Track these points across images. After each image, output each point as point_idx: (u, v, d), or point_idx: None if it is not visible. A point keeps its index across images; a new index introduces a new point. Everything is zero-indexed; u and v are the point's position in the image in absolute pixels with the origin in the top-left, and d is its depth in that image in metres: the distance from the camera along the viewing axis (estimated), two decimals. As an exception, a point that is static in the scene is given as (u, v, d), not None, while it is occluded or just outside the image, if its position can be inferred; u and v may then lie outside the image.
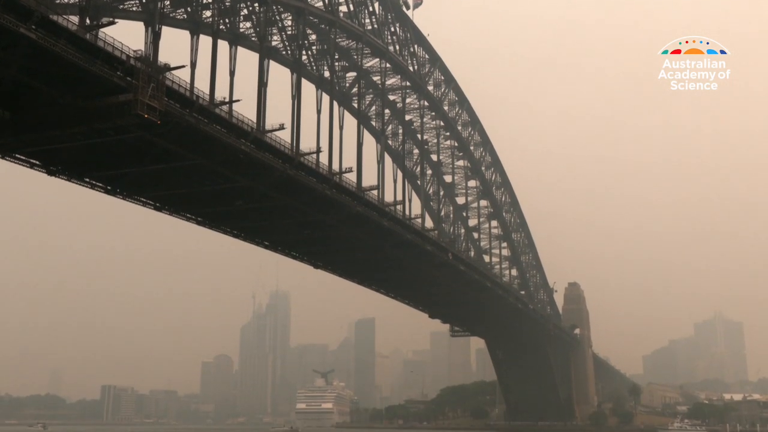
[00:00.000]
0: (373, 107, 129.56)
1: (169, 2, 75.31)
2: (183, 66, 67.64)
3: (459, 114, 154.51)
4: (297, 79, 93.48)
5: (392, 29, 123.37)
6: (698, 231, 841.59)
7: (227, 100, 74.75)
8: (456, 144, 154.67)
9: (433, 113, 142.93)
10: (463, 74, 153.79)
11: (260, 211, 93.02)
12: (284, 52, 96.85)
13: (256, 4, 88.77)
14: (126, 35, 62.01)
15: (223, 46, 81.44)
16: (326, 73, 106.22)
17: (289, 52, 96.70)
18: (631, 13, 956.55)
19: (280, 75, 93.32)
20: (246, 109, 77.93)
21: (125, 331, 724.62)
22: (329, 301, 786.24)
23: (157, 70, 62.50)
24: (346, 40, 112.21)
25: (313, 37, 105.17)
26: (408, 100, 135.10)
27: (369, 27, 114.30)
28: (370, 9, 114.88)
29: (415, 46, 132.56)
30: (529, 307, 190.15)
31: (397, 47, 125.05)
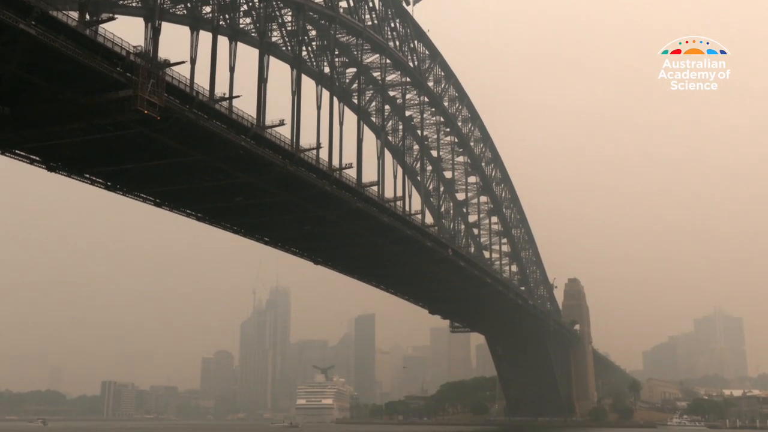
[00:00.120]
0: (373, 103, 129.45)
1: (168, -2, 75.27)
2: (183, 62, 67.58)
3: (459, 110, 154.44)
4: (297, 75, 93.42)
5: (392, 25, 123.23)
6: (698, 227, 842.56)
7: (227, 96, 74.73)
8: (456, 140, 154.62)
9: (433, 109, 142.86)
10: (463, 70, 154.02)
11: (260, 207, 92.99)
12: (284, 48, 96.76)
13: (256, 0, 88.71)
14: (126, 31, 62.02)
15: (223, 41, 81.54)
16: (326, 69, 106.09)
17: (289, 48, 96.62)
18: (631, 13, 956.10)
19: (280, 71, 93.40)
20: (246, 105, 78.09)
21: (126, 326, 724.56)
22: (329, 297, 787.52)
23: (157, 65, 62.43)
24: (346, 35, 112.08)
25: (313, 32, 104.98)
26: (408, 96, 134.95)
27: (369, 23, 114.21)
28: (370, 5, 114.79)
29: (416, 41, 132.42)
30: (529, 303, 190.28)
31: (397, 43, 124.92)
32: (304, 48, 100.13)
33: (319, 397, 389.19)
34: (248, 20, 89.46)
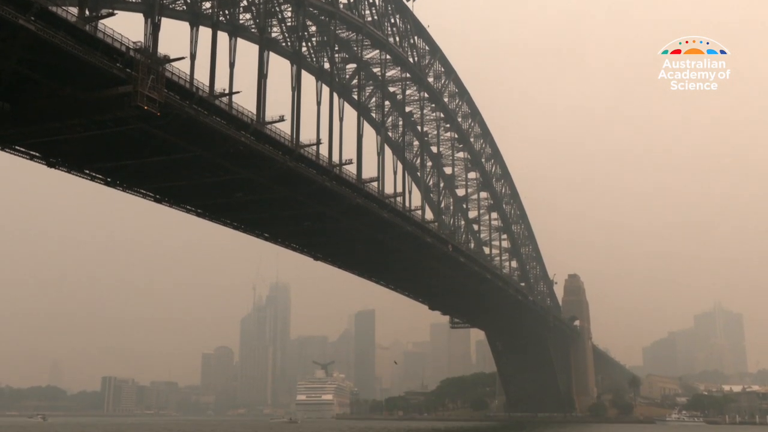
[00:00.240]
0: (373, 99, 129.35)
1: (168, -7, 75.12)
2: (183, 57, 67.40)
3: (459, 106, 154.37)
4: (297, 70, 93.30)
5: (392, 21, 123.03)
6: (699, 223, 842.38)
7: (227, 91, 74.57)
8: (456, 136, 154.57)
9: (433, 105, 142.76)
10: (463, 66, 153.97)
11: (260, 203, 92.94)
12: (284, 44, 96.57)
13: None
14: (125, 27, 61.94)
15: (223, 37, 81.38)
16: (326, 65, 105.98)
17: (289, 44, 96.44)
18: (631, 13, 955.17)
19: (280, 66, 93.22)
20: (246, 101, 77.95)
21: (126, 322, 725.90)
22: (329, 293, 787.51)
23: (157, 61, 62.31)
24: (346, 31, 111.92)
25: (313, 28, 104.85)
26: (408, 92, 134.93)
27: (369, 18, 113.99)
28: (370, 1, 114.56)
29: (415, 37, 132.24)
30: (528, 299, 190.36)
31: (397, 39, 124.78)
32: (304, 44, 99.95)
33: (319, 393, 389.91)
34: (248, 16, 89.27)
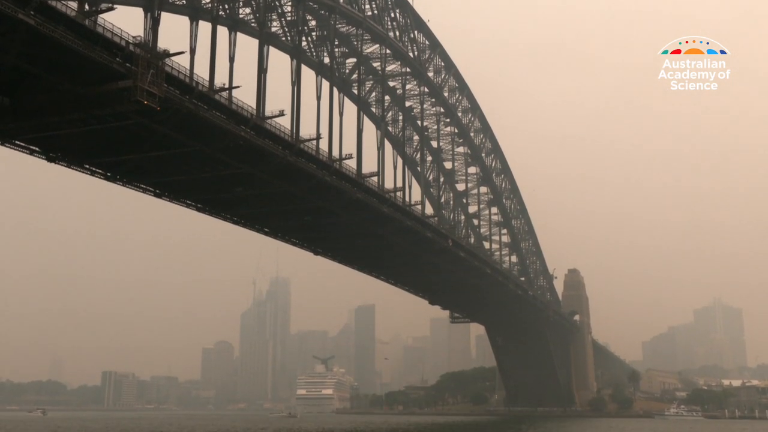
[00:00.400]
0: (373, 93, 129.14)
1: (168, -12, 74.86)
2: (182, 52, 67.29)
3: (459, 100, 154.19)
4: (297, 65, 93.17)
5: (392, 15, 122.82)
6: (699, 218, 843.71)
7: (227, 86, 74.49)
8: (456, 130, 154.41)
9: (433, 99, 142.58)
10: (463, 61, 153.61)
11: (260, 198, 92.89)
12: (284, 38, 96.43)
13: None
14: (125, 21, 61.79)
15: (223, 32, 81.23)
16: (326, 60, 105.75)
17: (289, 38, 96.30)
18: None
19: (280, 61, 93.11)
20: (246, 96, 77.86)
21: (126, 317, 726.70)
22: (329, 288, 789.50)
23: (157, 56, 62.16)
24: (346, 26, 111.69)
25: (313, 23, 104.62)
26: (408, 87, 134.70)
27: (369, 13, 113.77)
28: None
29: (415, 32, 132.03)
30: (528, 294, 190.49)
31: (397, 33, 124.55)
32: (303, 38, 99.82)
33: (319, 388, 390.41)
34: (248, 10, 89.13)
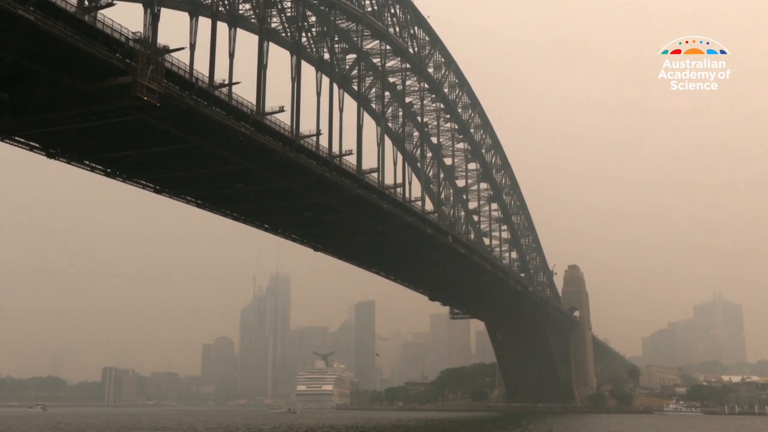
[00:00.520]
0: (373, 89, 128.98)
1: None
2: (182, 48, 67.06)
3: (459, 96, 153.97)
4: (297, 61, 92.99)
5: (392, 11, 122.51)
6: (699, 214, 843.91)
7: (227, 82, 74.34)
8: (456, 126, 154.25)
9: (434, 95, 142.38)
10: (463, 57, 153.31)
11: (260, 194, 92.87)
12: (284, 34, 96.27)
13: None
14: (125, 17, 61.72)
15: (223, 27, 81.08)
16: (326, 56, 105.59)
17: (289, 34, 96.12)
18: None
19: (280, 57, 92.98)
20: (245, 92, 77.75)
21: (126, 313, 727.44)
22: (329, 284, 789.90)
23: (156, 52, 62.10)
24: (346, 21, 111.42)
25: (313, 18, 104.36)
26: (408, 83, 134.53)
27: (369, 8, 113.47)
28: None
29: (415, 27, 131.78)
30: (528, 290, 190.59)
31: (397, 29, 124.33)
32: (303, 34, 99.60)
33: (319, 384, 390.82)
34: (248, 6, 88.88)
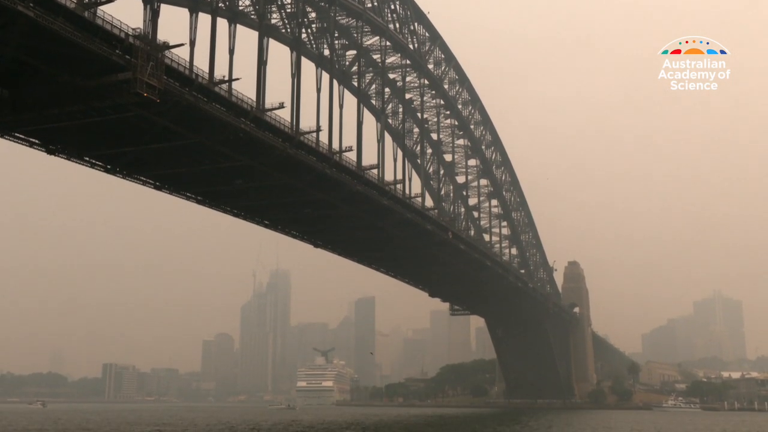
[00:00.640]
0: (373, 86, 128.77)
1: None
2: (182, 44, 67.01)
3: (459, 93, 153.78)
4: (296, 57, 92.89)
5: (392, 7, 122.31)
6: (698, 210, 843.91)
7: (227, 78, 74.32)
8: (456, 123, 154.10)
9: (434, 92, 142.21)
10: (463, 53, 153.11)
11: (260, 190, 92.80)
12: (284, 30, 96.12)
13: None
14: (124, 13, 61.59)
15: (222, 24, 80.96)
16: (326, 52, 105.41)
17: (289, 30, 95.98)
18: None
19: (280, 53, 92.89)
20: (245, 88, 77.65)
21: (127, 309, 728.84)
22: (329, 280, 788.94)
23: (156, 48, 61.99)
24: (346, 17, 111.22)
25: (313, 15, 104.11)
26: (408, 79, 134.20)
27: (369, 5, 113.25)
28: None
29: (416, 24, 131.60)
30: (528, 286, 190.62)
31: (397, 25, 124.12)
32: (303, 30, 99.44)
33: (319, 380, 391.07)
34: (247, 2, 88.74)
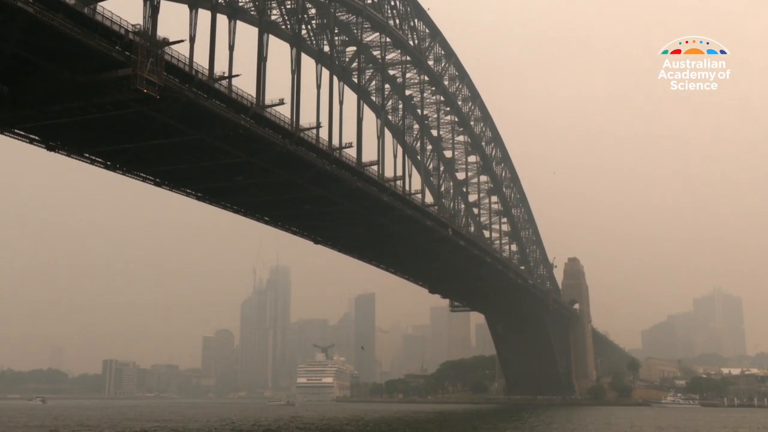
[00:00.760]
0: (373, 82, 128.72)
1: (167, -24, 74.40)
2: (182, 40, 66.90)
3: (459, 89, 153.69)
4: (296, 53, 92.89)
5: (392, 3, 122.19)
6: (698, 207, 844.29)
7: (226, 74, 74.28)
8: (456, 119, 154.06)
9: (434, 88, 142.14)
10: (463, 49, 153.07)
11: (260, 187, 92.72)
12: (284, 27, 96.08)
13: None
14: (124, 9, 61.55)
15: (222, 20, 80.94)
16: (326, 48, 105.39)
17: (289, 27, 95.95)
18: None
19: (280, 50, 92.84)
20: (245, 84, 77.66)
21: (127, 306, 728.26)
22: (329, 277, 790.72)
23: (156, 44, 61.90)
24: (346, 14, 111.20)
25: (313, 11, 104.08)
26: (408, 75, 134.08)
27: (369, 1, 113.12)
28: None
29: (416, 20, 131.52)
30: (528, 283, 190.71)
31: (397, 21, 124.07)
32: (303, 26, 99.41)
33: (319, 376, 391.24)
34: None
